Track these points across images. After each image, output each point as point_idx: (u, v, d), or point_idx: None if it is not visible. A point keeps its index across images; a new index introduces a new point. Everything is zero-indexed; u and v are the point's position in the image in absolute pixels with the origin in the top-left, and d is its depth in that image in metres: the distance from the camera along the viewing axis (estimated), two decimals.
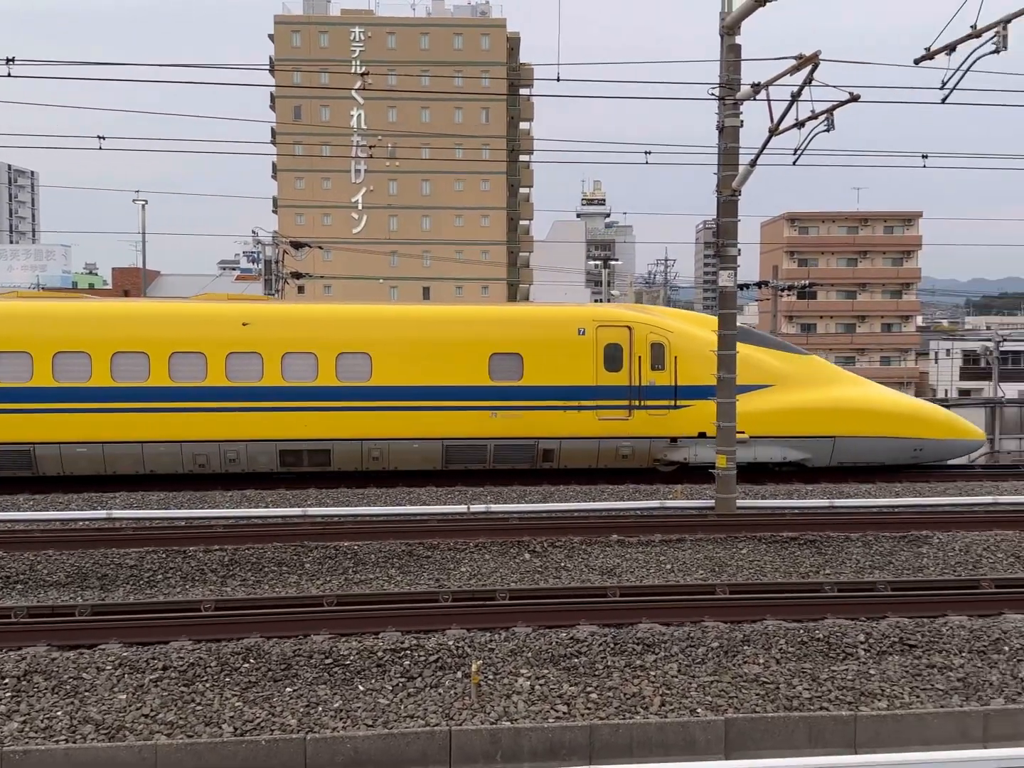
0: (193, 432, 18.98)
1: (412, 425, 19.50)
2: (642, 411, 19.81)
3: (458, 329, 20.12)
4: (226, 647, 9.09)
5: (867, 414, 20.45)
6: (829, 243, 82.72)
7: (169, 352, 19.01)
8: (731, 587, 11.19)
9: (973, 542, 13.57)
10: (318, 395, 19.35)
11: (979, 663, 8.91)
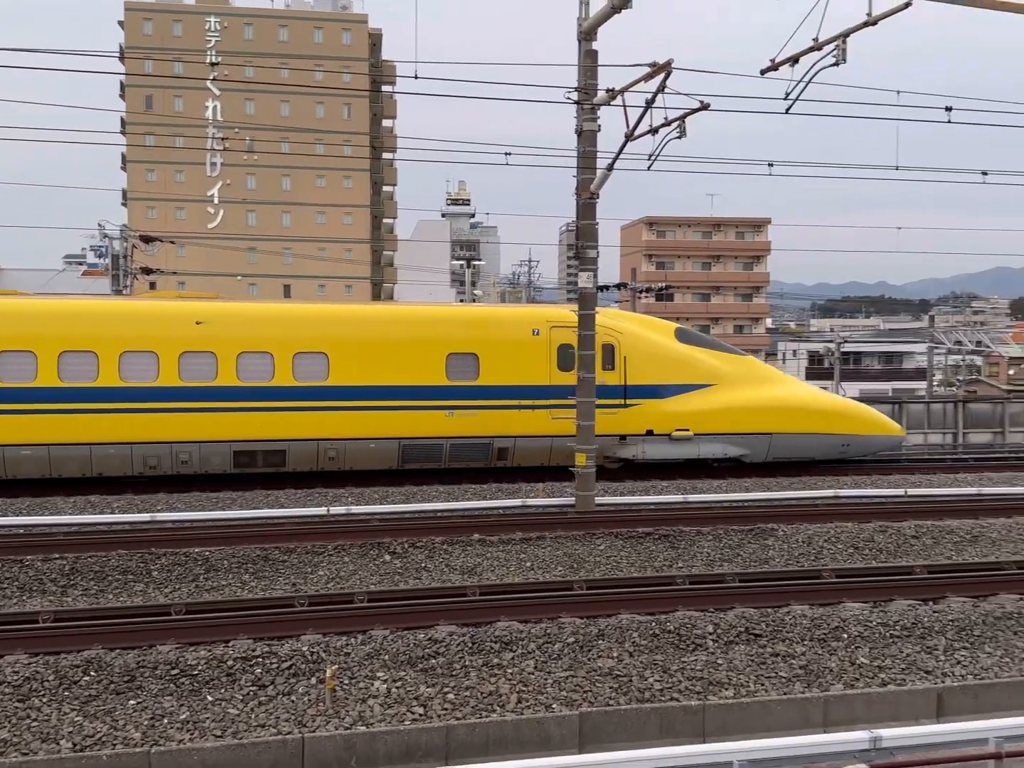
0: (144, 433, 18.41)
1: (369, 425, 19.33)
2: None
3: (416, 329, 20.05)
4: (65, 660, 8.63)
5: (800, 412, 21.30)
6: (685, 247, 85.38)
7: (119, 351, 18.39)
8: (588, 583, 11.37)
9: (815, 534, 14.21)
10: (274, 395, 19.03)
11: (820, 651, 9.31)
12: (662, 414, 20.46)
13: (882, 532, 14.38)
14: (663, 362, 20.69)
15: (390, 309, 21.65)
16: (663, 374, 20.64)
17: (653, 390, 20.31)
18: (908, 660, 9.11)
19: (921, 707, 8.16)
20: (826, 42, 10.00)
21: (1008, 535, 14.38)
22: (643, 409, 20.41)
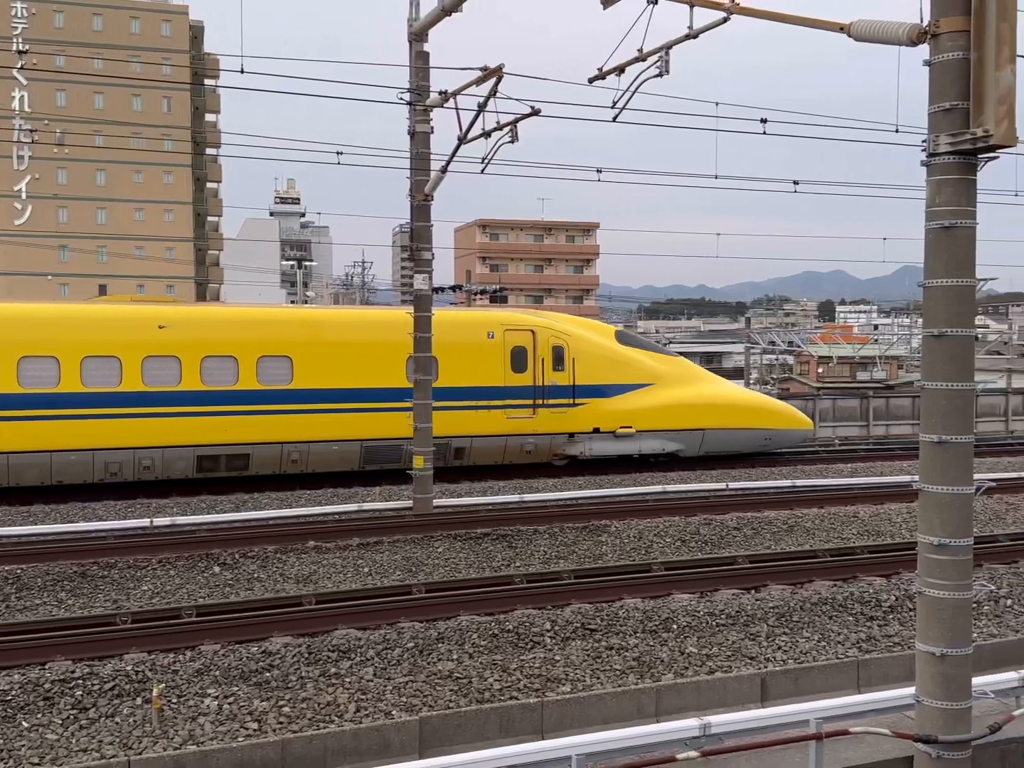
0: (106, 440, 18.05)
1: (332, 427, 19.55)
2: (545, 409, 21.12)
3: (377, 332, 20.38)
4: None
5: (729, 409, 22.66)
6: (518, 250, 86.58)
7: (81, 356, 18.02)
8: (427, 586, 11.33)
9: (646, 529, 14.67)
10: (238, 399, 19.02)
11: (652, 642, 9.60)
12: (607, 412, 21.58)
13: (707, 525, 14.99)
14: (607, 363, 21.83)
15: (352, 313, 22.11)
16: (608, 375, 21.71)
17: (599, 390, 21.41)
18: (734, 647, 9.52)
19: (747, 692, 8.53)
20: (650, 53, 10.33)
21: (821, 524, 15.27)
22: (590, 408, 21.43)
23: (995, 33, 5.89)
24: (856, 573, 12.18)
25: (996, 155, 6.26)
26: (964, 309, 6.36)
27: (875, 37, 6.61)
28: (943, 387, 6.39)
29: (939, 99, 6.22)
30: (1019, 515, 16.00)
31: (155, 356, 18.57)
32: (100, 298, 22.37)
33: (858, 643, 9.73)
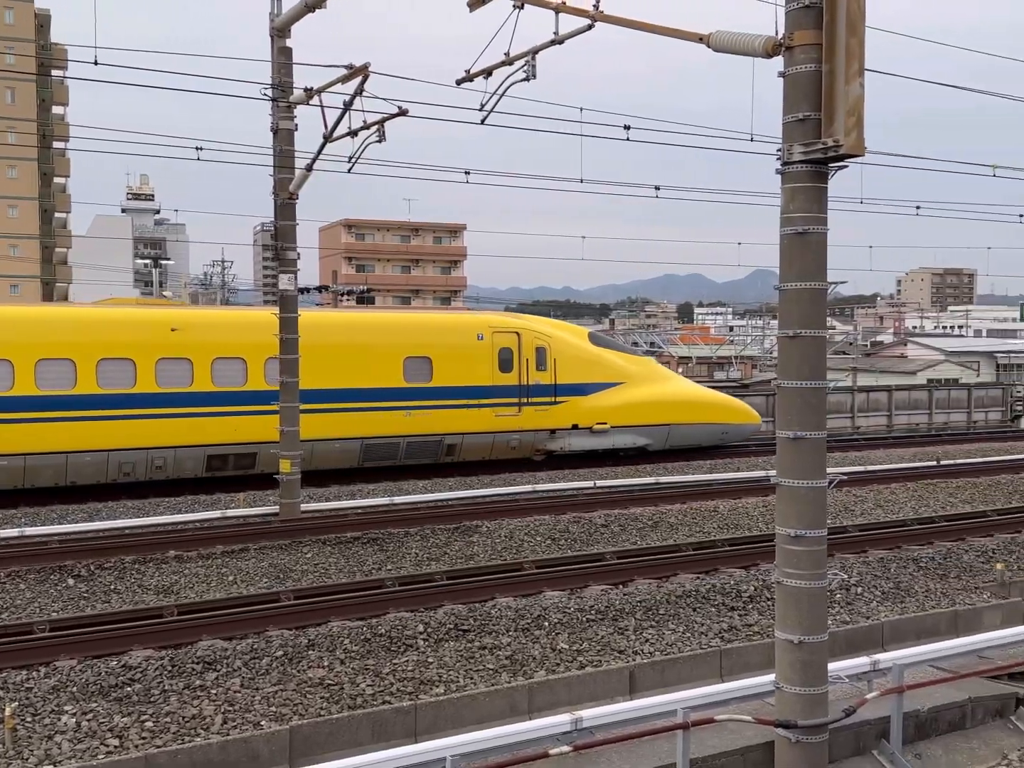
0: (121, 440, 18.39)
1: (335, 426, 20.16)
2: (529, 407, 22.32)
3: (377, 334, 21.33)
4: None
5: (691, 405, 24.18)
6: (385, 250, 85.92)
7: (97, 358, 18.34)
8: (295, 593, 11.11)
9: (517, 528, 14.79)
10: (247, 399, 19.52)
11: (524, 640, 9.69)
12: (585, 410, 22.91)
13: (576, 523, 15.24)
14: (584, 363, 23.17)
15: (354, 315, 23.08)
16: (585, 374, 22.99)
17: (578, 388, 22.76)
18: (603, 642, 9.70)
19: (616, 686, 8.70)
20: (516, 57, 10.42)
21: (684, 519, 15.74)
22: (570, 406, 22.74)
23: (844, 47, 6.20)
24: (717, 566, 12.61)
25: (845, 164, 6.59)
26: (816, 311, 6.68)
27: (733, 48, 6.87)
28: (797, 385, 6.68)
29: (793, 109, 6.50)
30: (866, 507, 16.89)
31: (168, 358, 19.01)
32: (110, 300, 22.71)
33: (721, 633, 10.07)
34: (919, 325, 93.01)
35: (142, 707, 7.95)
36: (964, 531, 14.72)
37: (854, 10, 6.18)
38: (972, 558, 13.13)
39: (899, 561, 12.88)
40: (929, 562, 12.88)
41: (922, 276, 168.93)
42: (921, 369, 51.91)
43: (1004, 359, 59.02)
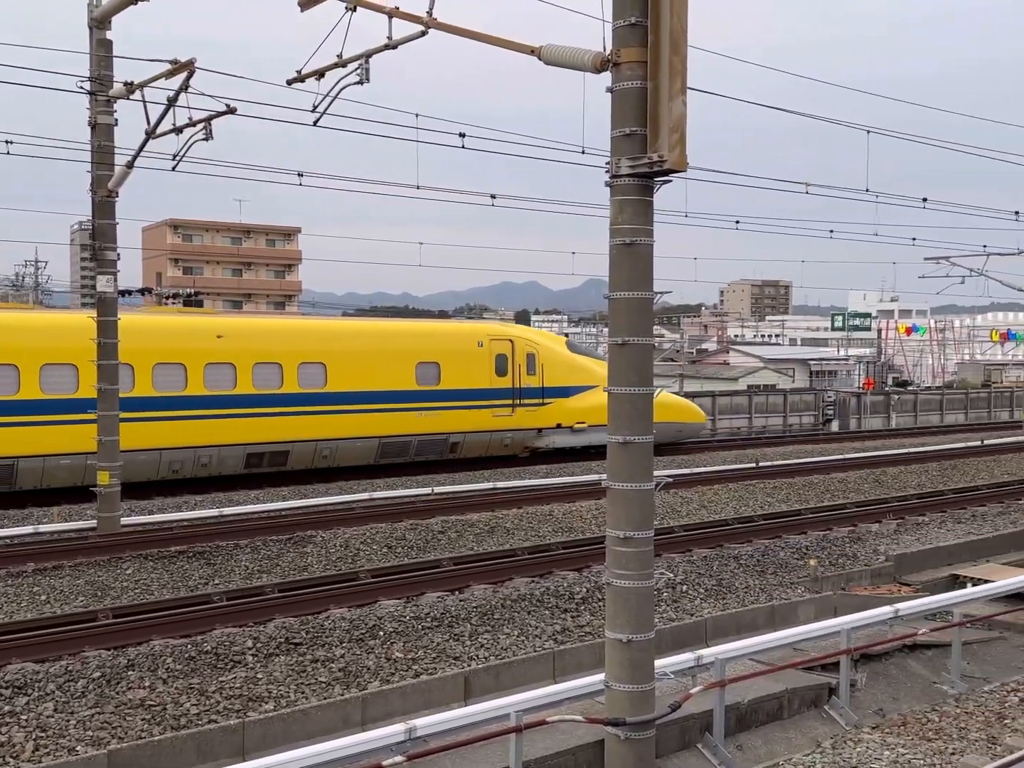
0: (172, 439, 19.55)
1: (357, 425, 21.91)
2: (521, 408, 24.54)
3: (393, 341, 23.31)
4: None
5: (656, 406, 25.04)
6: (214, 252, 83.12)
7: (153, 363, 19.51)
8: (114, 611, 10.57)
9: (352, 537, 14.58)
10: (282, 401, 21.06)
11: (358, 651, 9.55)
12: (567, 410, 25.16)
13: (413, 530, 15.16)
14: (566, 368, 25.45)
15: (373, 323, 25.21)
16: (567, 378, 25.23)
17: (562, 391, 24.99)
18: (439, 649, 9.68)
19: (451, 692, 8.69)
20: (350, 60, 10.29)
21: (520, 524, 15.92)
22: (555, 407, 24.94)
23: (668, 65, 6.42)
24: (552, 568, 12.82)
25: (670, 179, 6.82)
26: (644, 319, 6.89)
27: (563, 62, 7.01)
28: (627, 391, 6.87)
29: (620, 124, 6.69)
30: (691, 508, 17.56)
31: (214, 363, 20.41)
32: (155, 308, 24.48)
33: (554, 635, 10.22)
34: (740, 334, 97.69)
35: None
36: (780, 529, 15.52)
37: (677, 30, 6.41)
38: (788, 555, 13.85)
39: (721, 559, 13.45)
40: (749, 559, 13.51)
41: (743, 287, 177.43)
42: (742, 375, 54.58)
43: (817, 366, 62.83)
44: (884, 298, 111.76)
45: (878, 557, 13.85)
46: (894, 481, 21.00)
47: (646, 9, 6.48)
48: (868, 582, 13.17)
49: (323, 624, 10.15)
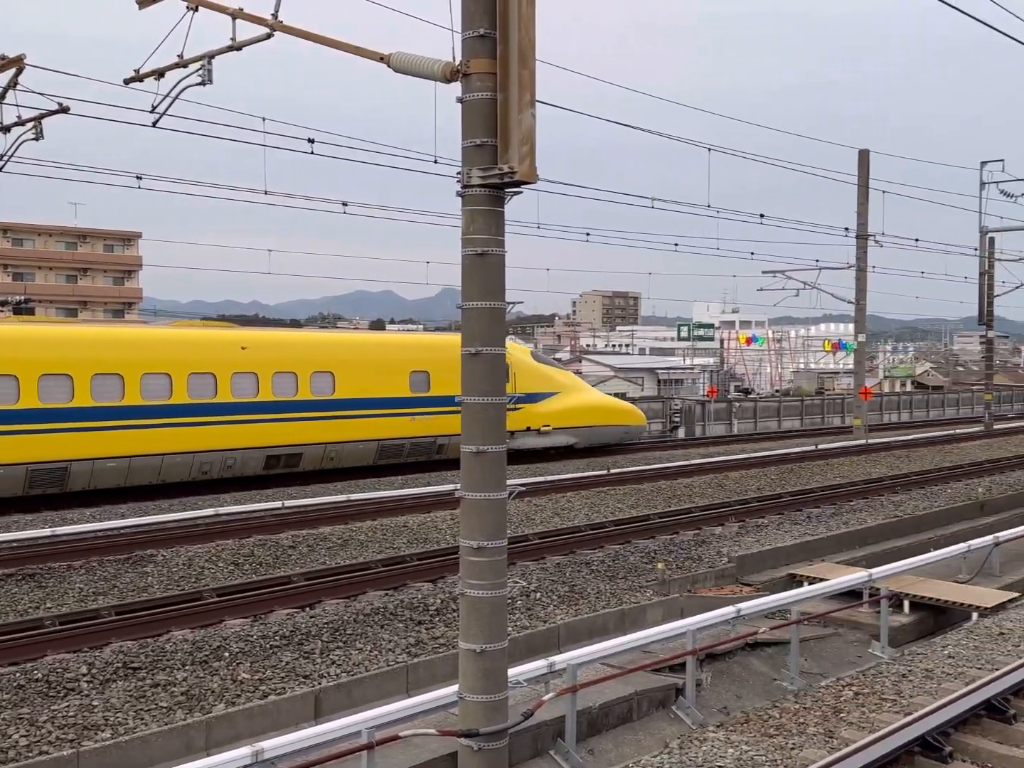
0: (203, 443, 21.13)
1: (360, 429, 23.89)
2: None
3: (391, 351, 25.71)
4: None
5: (605, 410, 29.53)
6: (47, 257, 78.86)
7: (187, 373, 21.07)
8: None
9: (196, 555, 14.04)
10: (298, 407, 22.81)
11: (202, 673, 9.18)
12: (535, 415, 27.58)
13: (262, 546, 14.73)
14: (533, 376, 27.92)
15: (374, 336, 28.79)
16: (535, 385, 27.66)
17: (531, 397, 27.37)
18: (288, 668, 9.41)
19: (301, 712, 8.47)
20: (191, 60, 9.94)
21: (374, 536, 15.71)
22: (525, 412, 27.12)
23: (518, 78, 6.47)
24: (406, 581, 12.70)
25: (520, 190, 6.87)
26: (496, 329, 6.91)
27: (413, 70, 6.96)
28: (480, 401, 6.87)
29: (471, 135, 6.69)
30: (545, 515, 17.75)
31: (240, 372, 22.10)
32: (180, 322, 26.11)
33: (408, 648, 10.12)
34: (592, 343, 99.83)
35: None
36: (630, 534, 15.89)
37: (526, 43, 6.47)
38: (637, 559, 14.18)
39: (574, 565, 13.64)
40: (600, 565, 13.75)
41: (594, 298, 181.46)
42: (594, 384, 55.61)
43: (664, 375, 64.80)
44: (726, 309, 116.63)
45: (721, 559, 14.35)
46: (736, 485, 21.82)
47: (495, 22, 6.52)
48: (712, 583, 13.62)
49: (164, 647, 9.72)
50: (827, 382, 72.30)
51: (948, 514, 18.61)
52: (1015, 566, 14.97)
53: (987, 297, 36.37)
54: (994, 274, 36.57)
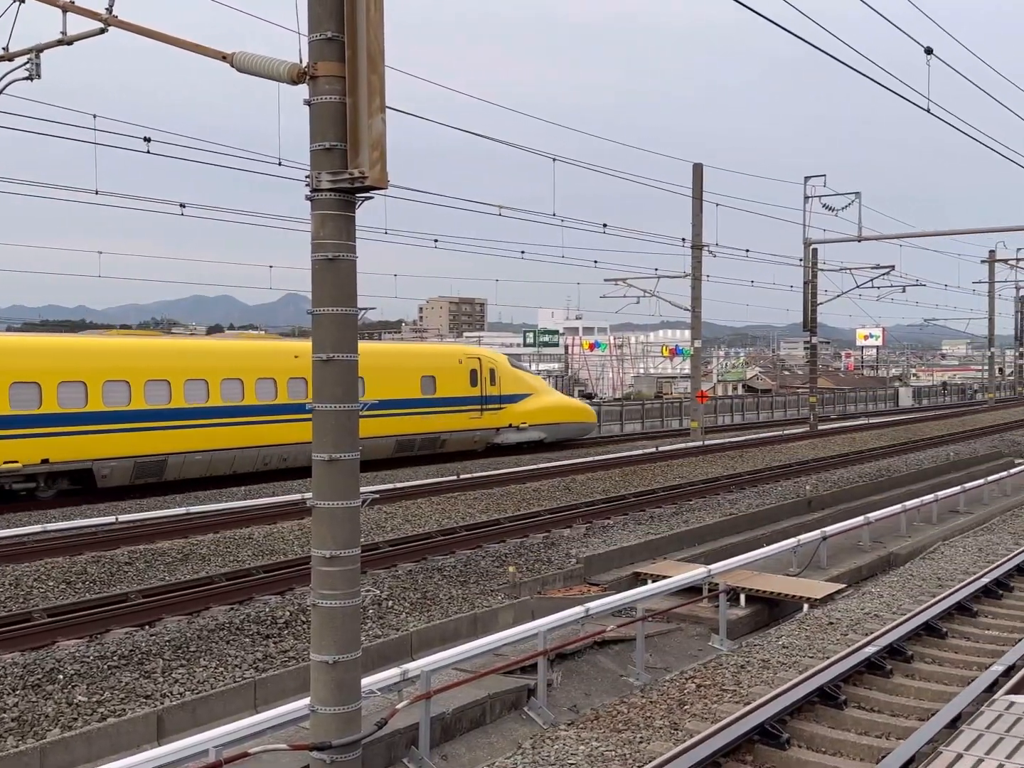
0: (266, 439, 24.75)
1: (383, 427, 26.96)
2: (487, 412, 31.03)
3: (406, 359, 29.73)
4: None
5: (567, 409, 34.44)
6: None
7: (255, 378, 24.98)
8: None
9: (24, 574, 13.25)
10: None
11: (34, 698, 8.68)
12: (515, 413, 31.90)
13: (95, 562, 14.04)
14: (513, 380, 32.25)
15: (391, 345, 35.10)
16: (514, 388, 31.98)
17: (511, 398, 31.77)
18: (128, 689, 9.02)
19: (143, 733, 8.14)
20: (17, 54, 9.42)
21: (217, 549, 15.22)
22: (507, 411, 31.68)
23: (367, 83, 6.43)
24: (252, 594, 12.36)
25: (371, 196, 6.83)
26: (348, 335, 6.83)
27: (257, 71, 6.81)
28: (332, 408, 6.78)
29: (320, 138, 6.61)
30: (396, 522, 17.65)
31: (294, 377, 25.41)
32: (247, 334, 31.15)
33: (255, 663, 9.87)
34: None
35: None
36: (481, 539, 16.00)
37: (374, 48, 6.44)
38: (488, 563, 14.29)
39: (426, 572, 13.63)
40: (452, 570, 13.79)
41: (441, 304, 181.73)
42: None
43: None
44: (570, 316, 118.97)
45: (570, 560, 14.64)
46: (583, 488, 22.30)
47: (342, 25, 6.46)
48: (562, 584, 13.88)
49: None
50: (665, 386, 74.75)
51: (779, 511, 19.61)
52: (841, 559, 15.92)
53: (811, 305, 38.45)
54: (817, 283, 38.70)
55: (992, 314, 60.31)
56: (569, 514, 18.45)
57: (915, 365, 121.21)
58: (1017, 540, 16.16)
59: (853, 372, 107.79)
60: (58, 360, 21.69)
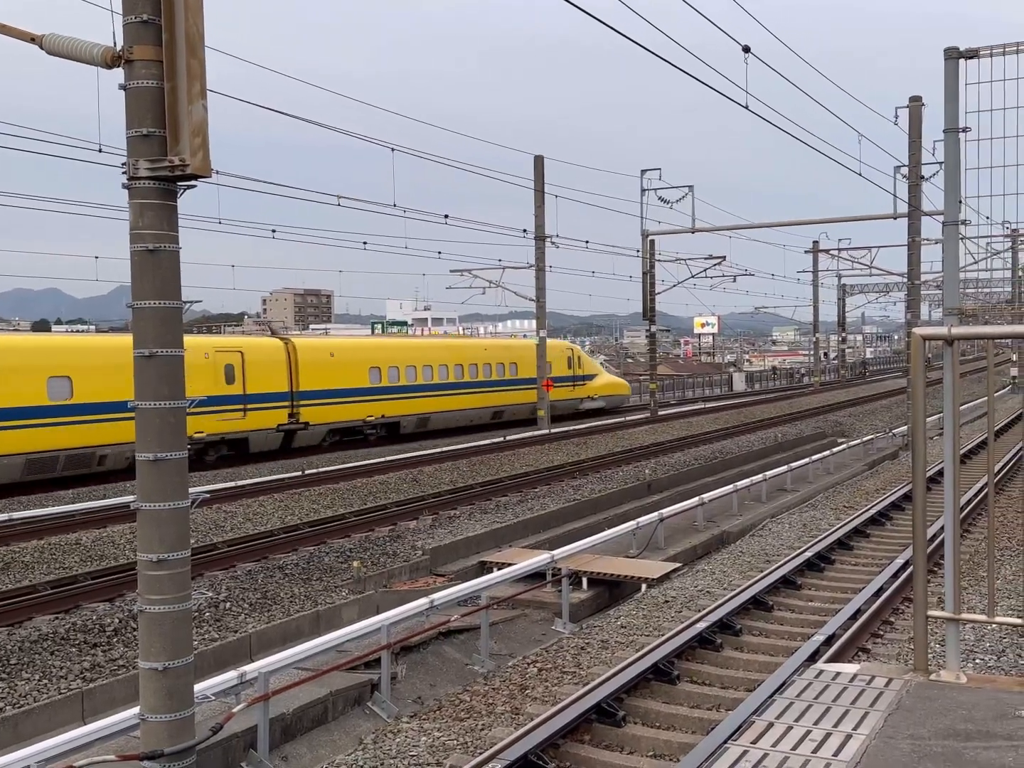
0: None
1: (526, 396, 37.10)
2: (576, 387, 41.44)
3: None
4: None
5: (615, 385, 45.05)
6: None
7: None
8: None
9: None
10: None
11: None
12: (591, 388, 42.20)
13: None
14: (587, 364, 43.08)
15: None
16: (588, 370, 42.73)
17: (586, 377, 42.18)
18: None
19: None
20: None
21: (41, 557, 14.44)
22: (585, 386, 41.81)
23: (186, 67, 6.20)
24: (79, 602, 11.80)
25: (194, 184, 6.59)
26: (171, 330, 6.57)
27: (69, 54, 6.46)
28: (156, 406, 6.51)
29: (137, 124, 6.33)
30: (236, 522, 17.18)
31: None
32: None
33: (82, 673, 9.43)
34: None
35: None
36: (325, 535, 15.77)
37: (193, 32, 6.22)
38: (332, 559, 14.11)
39: (267, 571, 13.33)
40: (294, 568, 13.54)
41: (285, 296, 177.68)
42: None
43: None
44: (418, 307, 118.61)
45: (416, 552, 14.62)
46: (430, 479, 22.31)
47: (159, 8, 6.20)
48: (408, 577, 13.86)
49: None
50: None
51: (620, 495, 20.17)
52: (677, 539, 16.52)
53: (650, 295, 39.66)
54: (655, 274, 39.95)
55: (816, 302, 63.86)
56: (415, 506, 18.42)
57: (748, 351, 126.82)
58: (838, 515, 17.18)
59: (691, 359, 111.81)
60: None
